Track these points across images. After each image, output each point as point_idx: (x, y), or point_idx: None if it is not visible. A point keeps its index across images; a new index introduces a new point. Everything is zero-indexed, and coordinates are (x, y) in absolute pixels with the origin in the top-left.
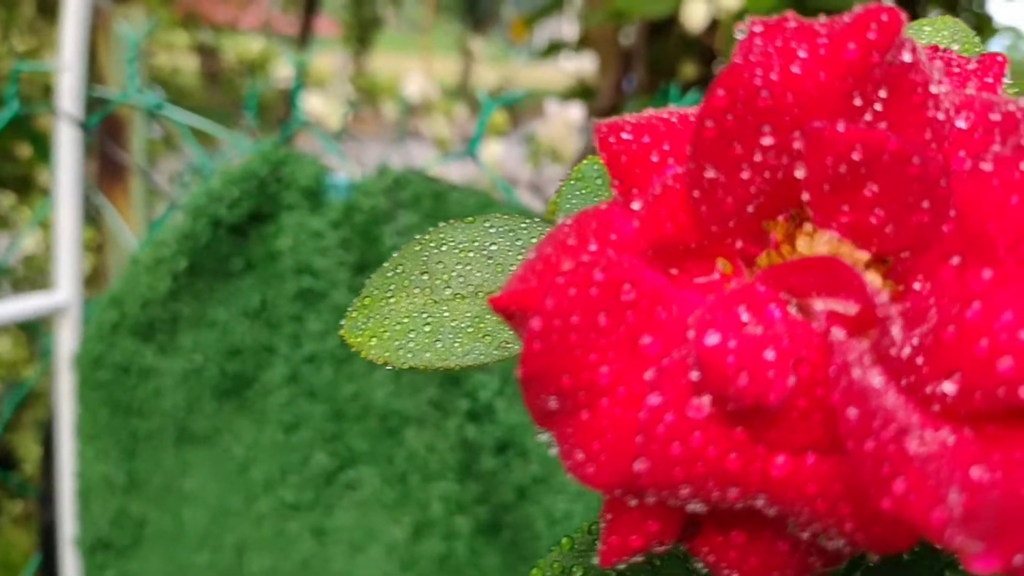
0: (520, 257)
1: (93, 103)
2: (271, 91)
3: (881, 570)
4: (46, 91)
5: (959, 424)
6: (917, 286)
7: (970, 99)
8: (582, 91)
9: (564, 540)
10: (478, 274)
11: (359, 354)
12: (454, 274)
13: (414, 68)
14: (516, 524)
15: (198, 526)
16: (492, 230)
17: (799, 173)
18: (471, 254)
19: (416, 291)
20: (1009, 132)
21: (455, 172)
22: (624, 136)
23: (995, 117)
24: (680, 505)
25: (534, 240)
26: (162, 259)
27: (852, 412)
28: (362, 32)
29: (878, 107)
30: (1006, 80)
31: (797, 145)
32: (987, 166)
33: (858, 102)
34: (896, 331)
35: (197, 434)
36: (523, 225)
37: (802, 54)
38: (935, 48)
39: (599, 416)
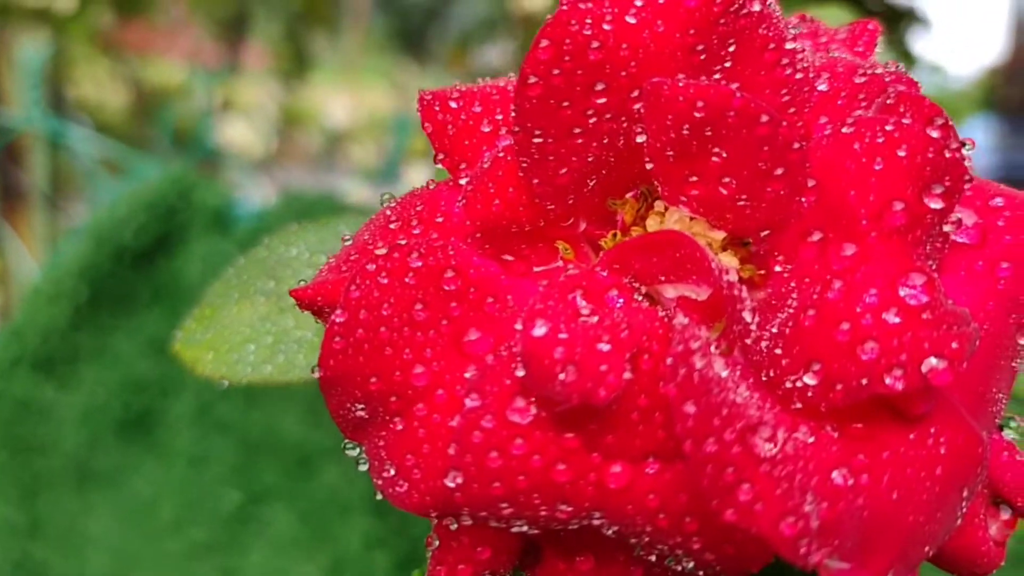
0: None
1: None
2: (192, 118)
3: None
4: None
5: (820, 422)
6: (778, 269)
7: (833, 61)
8: None
9: (415, 572)
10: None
11: (194, 370)
12: (304, 279)
13: (345, 98)
14: None
15: (103, 570)
16: (346, 231)
17: (640, 138)
18: (322, 257)
19: (261, 299)
20: (875, 95)
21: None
22: (452, 105)
23: (860, 80)
24: (504, 527)
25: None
26: (63, 290)
27: (690, 407)
28: (294, 64)
29: (727, 63)
30: (878, 50)
31: (636, 106)
32: (848, 129)
33: (703, 57)
34: (748, 316)
35: (101, 473)
36: (378, 222)
37: (638, 1)
38: (802, 16)
39: (414, 425)
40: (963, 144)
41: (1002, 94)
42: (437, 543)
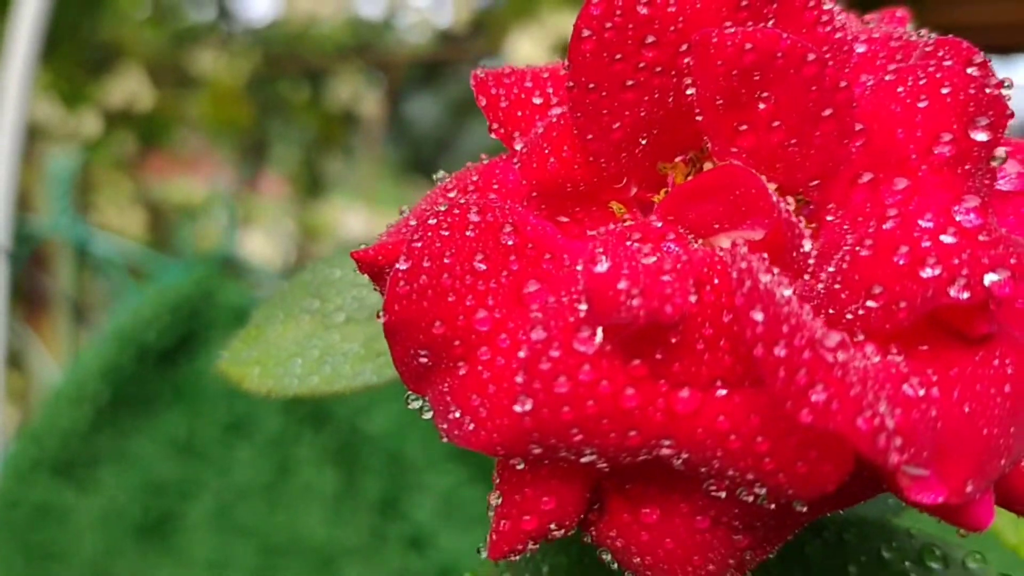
0: None
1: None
2: (216, 232)
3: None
4: None
5: (886, 346)
6: (830, 219)
7: (868, 30)
8: None
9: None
10: (374, 297)
11: (240, 386)
12: (349, 298)
13: (362, 212)
14: None
15: None
16: None
17: (690, 91)
18: (365, 278)
19: (306, 317)
20: (910, 52)
21: None
22: (505, 81)
23: (896, 44)
24: (574, 459)
25: None
26: (85, 391)
27: (758, 315)
28: (310, 188)
29: (770, 20)
30: (909, 28)
31: (686, 60)
32: (891, 76)
33: (746, 12)
34: (808, 245)
35: None
36: None
37: None
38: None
39: (477, 368)
40: (1003, 82)
41: None
42: (499, 499)
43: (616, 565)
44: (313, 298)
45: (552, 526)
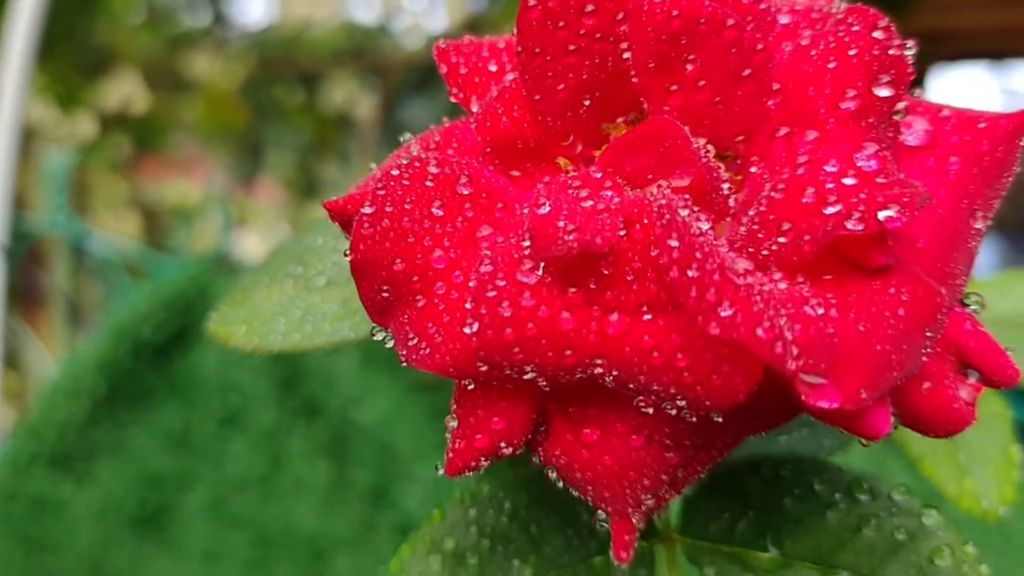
0: None
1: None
2: (211, 234)
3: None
4: None
5: (794, 274)
6: (753, 170)
7: (793, 4)
8: None
9: (435, 511)
10: None
11: (227, 343)
12: (329, 263)
13: None
14: None
15: None
16: None
17: (626, 55)
18: (344, 243)
19: (289, 282)
20: (827, 22)
21: None
22: (464, 50)
23: (816, 16)
24: (518, 377)
25: None
26: (82, 385)
27: (673, 242)
28: (305, 191)
29: None
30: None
31: (622, 28)
32: (805, 41)
33: None
34: (726, 188)
35: (114, 571)
36: None
37: None
38: None
39: (433, 300)
40: (905, 44)
41: (1000, 213)
42: (455, 421)
43: (561, 484)
44: (296, 264)
45: (502, 444)
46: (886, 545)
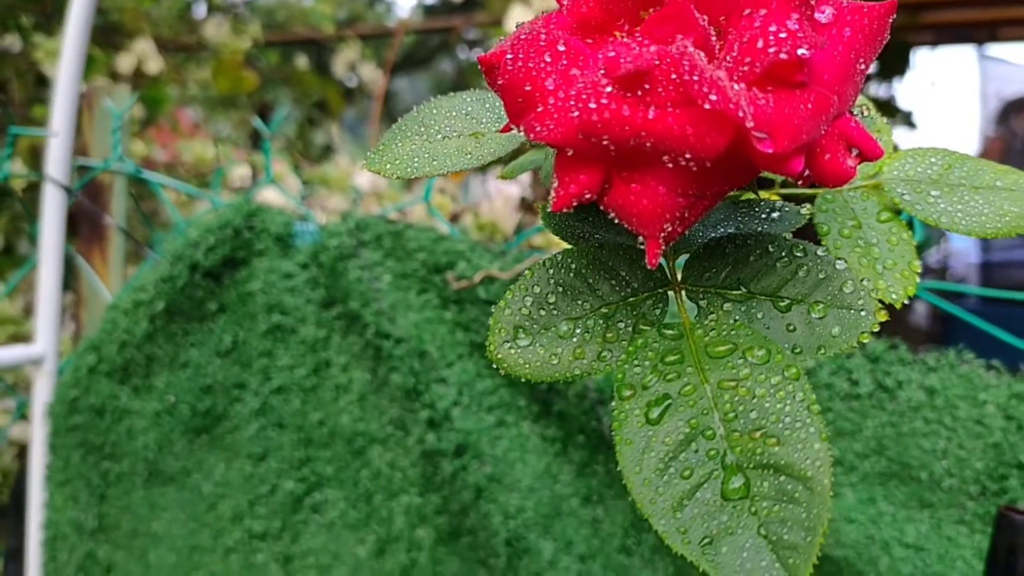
0: (488, 114)
1: (77, 174)
2: (227, 193)
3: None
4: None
5: (751, 86)
6: (730, 35)
7: None
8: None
9: (527, 271)
10: (459, 124)
11: (380, 174)
12: (443, 125)
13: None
14: (474, 527)
15: (165, 567)
16: (468, 99)
17: None
18: (454, 113)
19: (416, 138)
20: None
21: None
22: None
23: None
24: (598, 145)
25: (500, 104)
26: (140, 302)
27: (686, 63)
28: (309, 156)
29: None
30: None
31: None
32: None
33: None
34: (713, 38)
35: (167, 474)
36: (491, 96)
37: None
38: None
39: (548, 106)
40: None
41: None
42: (556, 180)
43: (616, 221)
44: (420, 126)
45: (586, 192)
46: (813, 282)
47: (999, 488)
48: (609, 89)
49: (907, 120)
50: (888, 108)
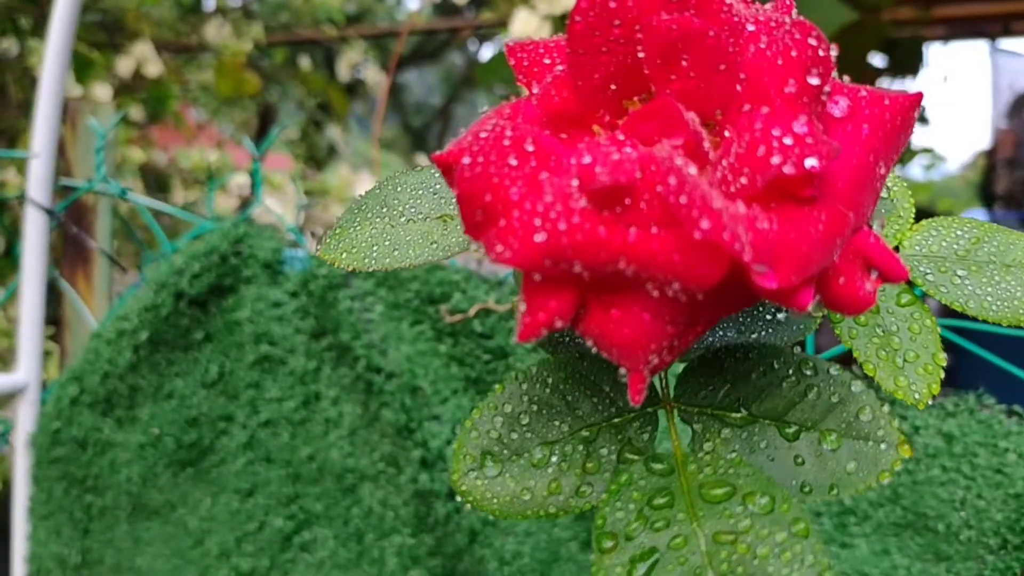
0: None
1: (60, 194)
2: (227, 200)
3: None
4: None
5: (751, 203)
6: (727, 134)
7: (758, 15)
8: None
9: (497, 385)
10: (426, 205)
11: (335, 264)
12: (408, 206)
13: (367, 179)
14: (468, 572)
15: None
16: (436, 175)
17: (641, 54)
18: (420, 191)
19: (377, 220)
20: (781, 28)
21: None
22: (527, 48)
23: (773, 24)
24: (569, 270)
25: None
26: (124, 332)
27: (673, 180)
28: (313, 156)
29: (691, 10)
30: (794, 13)
31: (638, 34)
32: (763, 44)
33: (676, 4)
34: (707, 144)
35: (151, 508)
36: None
37: None
38: None
39: (512, 220)
40: (830, 47)
41: (984, 187)
42: (523, 304)
43: (595, 349)
44: (382, 207)
45: (556, 319)
46: (824, 406)
47: (1020, 542)
48: (583, 203)
49: (919, 116)
50: None
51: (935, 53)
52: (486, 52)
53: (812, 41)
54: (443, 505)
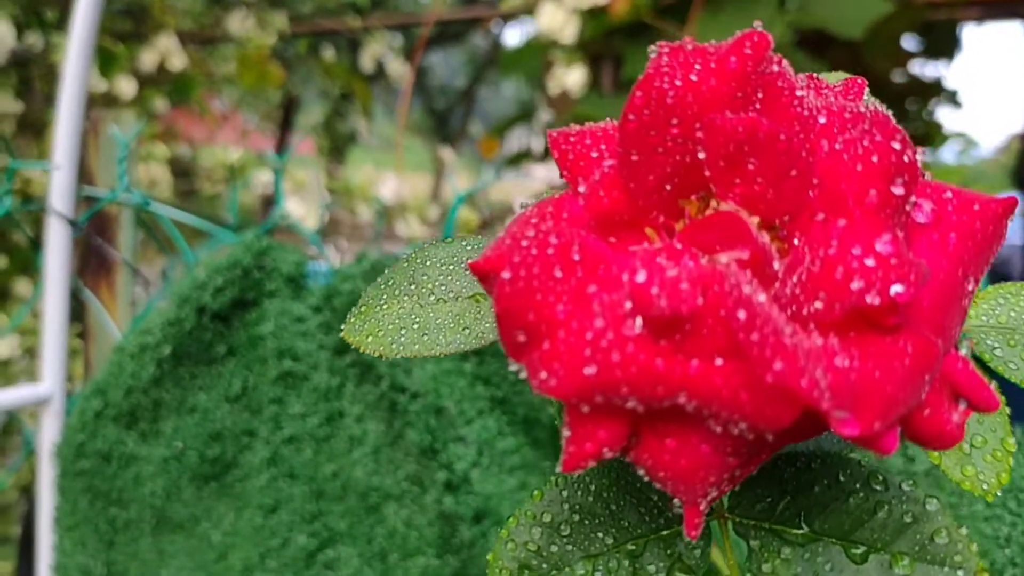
0: None
1: (83, 203)
2: (250, 197)
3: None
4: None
5: (826, 333)
6: (796, 242)
7: (830, 103)
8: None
9: (535, 492)
10: (457, 282)
11: (359, 348)
12: (437, 283)
13: (391, 180)
14: None
15: None
16: (468, 247)
17: (701, 155)
18: (451, 267)
19: (405, 298)
20: (857, 123)
21: None
22: (571, 139)
23: (848, 115)
24: (621, 404)
25: None
26: (147, 346)
27: (741, 313)
28: (336, 145)
29: (757, 105)
30: (866, 97)
31: (699, 134)
32: (839, 145)
33: (741, 100)
34: (777, 264)
35: (175, 521)
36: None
37: (697, 66)
38: (811, 76)
39: (557, 343)
40: (916, 151)
41: (1018, 170)
42: (568, 432)
43: (647, 478)
44: (410, 283)
45: (605, 450)
46: (896, 526)
47: None
48: (637, 329)
49: (952, 99)
50: (935, 89)
51: (968, 34)
52: (510, 34)
53: (896, 145)
54: (468, 528)
